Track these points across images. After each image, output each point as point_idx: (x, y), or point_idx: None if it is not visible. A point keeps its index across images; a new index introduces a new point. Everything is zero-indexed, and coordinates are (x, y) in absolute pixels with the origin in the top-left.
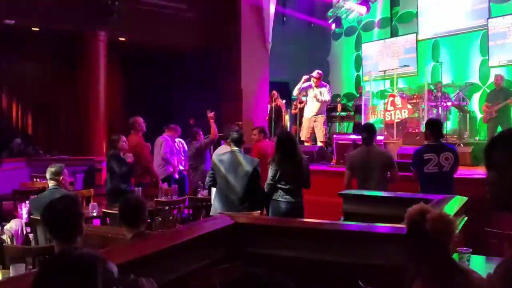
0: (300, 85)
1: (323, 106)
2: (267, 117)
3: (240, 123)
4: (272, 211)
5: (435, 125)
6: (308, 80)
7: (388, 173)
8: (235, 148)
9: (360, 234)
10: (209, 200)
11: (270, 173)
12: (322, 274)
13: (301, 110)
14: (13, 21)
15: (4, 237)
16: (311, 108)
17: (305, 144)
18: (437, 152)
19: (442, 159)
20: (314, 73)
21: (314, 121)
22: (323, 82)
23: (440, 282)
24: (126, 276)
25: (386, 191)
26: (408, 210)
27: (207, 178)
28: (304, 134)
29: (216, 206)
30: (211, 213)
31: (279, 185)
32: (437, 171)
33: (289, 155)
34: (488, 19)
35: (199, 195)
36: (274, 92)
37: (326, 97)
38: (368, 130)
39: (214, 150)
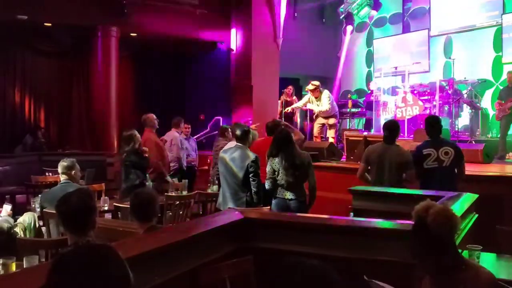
0: (298, 104)
1: (331, 111)
2: (279, 111)
3: (249, 119)
4: (272, 207)
5: (432, 122)
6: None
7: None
8: (238, 144)
9: (370, 230)
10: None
11: (267, 169)
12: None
13: None
14: (26, 17)
15: (17, 230)
16: (320, 114)
17: (315, 140)
18: (435, 147)
19: (442, 153)
20: (309, 86)
21: (325, 119)
22: (320, 90)
23: (446, 277)
24: None
25: None
26: (415, 207)
27: (215, 172)
28: (315, 130)
29: (220, 199)
30: (217, 206)
31: (277, 182)
32: (437, 166)
33: (285, 153)
34: (502, 15)
35: (209, 190)
36: (289, 87)
37: (326, 106)
38: (390, 128)
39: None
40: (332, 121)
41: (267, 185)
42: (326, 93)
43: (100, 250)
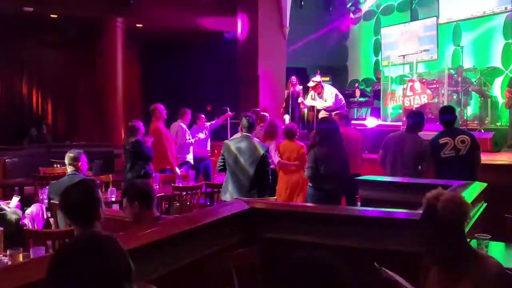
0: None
1: (334, 106)
2: (283, 105)
3: (257, 109)
4: (308, 198)
5: (447, 111)
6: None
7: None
8: (246, 134)
9: (378, 219)
10: None
11: (311, 158)
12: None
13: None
14: (32, 8)
15: (26, 221)
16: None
17: None
18: (452, 136)
19: (458, 142)
20: (310, 83)
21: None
22: (323, 85)
23: (454, 266)
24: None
25: None
26: (426, 194)
27: (218, 163)
28: None
29: (227, 191)
30: (222, 198)
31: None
32: (454, 155)
33: (334, 142)
34: None
35: (215, 181)
36: (293, 77)
37: (329, 102)
38: (414, 117)
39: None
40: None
41: (308, 173)
42: (328, 88)
43: (101, 241)
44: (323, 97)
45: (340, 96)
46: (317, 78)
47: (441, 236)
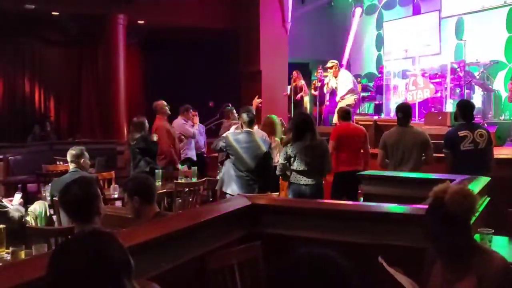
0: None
1: (352, 91)
2: (286, 95)
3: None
4: (290, 193)
5: (467, 106)
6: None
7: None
8: (248, 129)
9: (381, 214)
10: None
11: (282, 154)
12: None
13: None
14: (33, 6)
15: (28, 218)
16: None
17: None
18: (471, 129)
19: (477, 135)
20: (328, 64)
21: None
22: (339, 68)
23: (458, 261)
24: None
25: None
26: (434, 188)
27: (215, 145)
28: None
29: (231, 187)
30: (223, 189)
31: (292, 168)
32: (473, 148)
33: (304, 138)
34: None
35: (218, 177)
36: (294, 72)
37: (348, 86)
38: (403, 110)
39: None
40: (347, 100)
41: (278, 170)
42: (343, 72)
43: (101, 237)
44: (339, 81)
45: (356, 83)
46: (334, 60)
47: (447, 230)
